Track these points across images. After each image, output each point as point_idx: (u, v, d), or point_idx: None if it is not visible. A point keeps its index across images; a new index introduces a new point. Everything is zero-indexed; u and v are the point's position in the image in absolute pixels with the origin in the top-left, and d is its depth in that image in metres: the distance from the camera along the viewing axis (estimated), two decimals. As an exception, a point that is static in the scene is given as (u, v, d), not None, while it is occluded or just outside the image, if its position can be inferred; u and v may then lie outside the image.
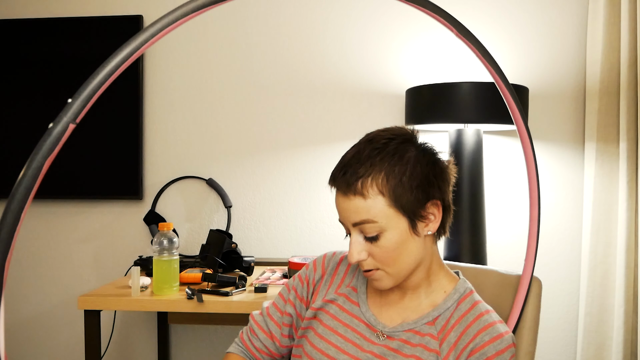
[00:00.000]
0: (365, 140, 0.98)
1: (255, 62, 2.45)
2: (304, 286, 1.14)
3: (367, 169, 0.94)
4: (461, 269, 1.24)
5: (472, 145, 2.05)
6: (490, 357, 0.93)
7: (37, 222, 2.56)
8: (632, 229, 2.13)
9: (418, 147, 0.98)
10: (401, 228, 0.95)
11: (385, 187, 0.93)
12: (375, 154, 0.95)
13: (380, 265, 0.97)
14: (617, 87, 2.20)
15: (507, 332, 0.96)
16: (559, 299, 2.36)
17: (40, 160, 0.59)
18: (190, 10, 0.69)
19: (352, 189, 0.94)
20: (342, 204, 0.96)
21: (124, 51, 0.64)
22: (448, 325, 0.98)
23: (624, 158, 2.14)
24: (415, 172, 0.95)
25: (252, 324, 1.17)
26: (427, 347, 0.97)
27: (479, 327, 0.96)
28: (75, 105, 0.61)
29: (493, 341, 0.94)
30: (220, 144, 2.48)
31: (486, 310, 0.99)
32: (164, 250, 1.83)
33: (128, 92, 2.45)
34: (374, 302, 1.06)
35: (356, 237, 0.96)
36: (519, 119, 1.01)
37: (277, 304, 1.16)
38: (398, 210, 0.94)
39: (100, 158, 2.47)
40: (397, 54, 2.39)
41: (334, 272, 1.12)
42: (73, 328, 2.57)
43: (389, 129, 1.01)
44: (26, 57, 2.49)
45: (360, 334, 1.02)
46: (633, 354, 2.15)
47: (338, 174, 0.96)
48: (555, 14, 2.33)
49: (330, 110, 2.43)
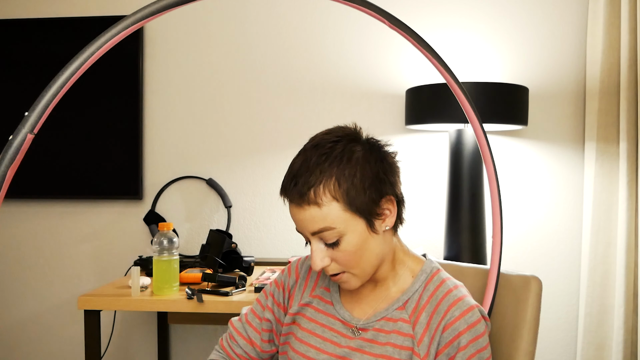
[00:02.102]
0: (311, 147, 0.96)
1: (255, 62, 2.45)
2: (280, 291, 1.15)
3: (317, 177, 0.93)
4: (462, 269, 1.24)
5: (472, 145, 2.05)
6: (462, 332, 0.94)
7: (37, 222, 2.56)
8: (632, 229, 2.13)
9: (364, 144, 0.98)
10: (360, 230, 0.95)
11: (338, 192, 0.93)
12: (323, 160, 0.94)
13: (344, 268, 0.97)
14: (617, 87, 2.20)
15: (477, 305, 0.97)
16: (559, 299, 2.36)
17: (3, 170, 0.64)
18: (149, 13, 0.71)
19: (306, 199, 0.93)
20: (298, 214, 0.95)
21: (74, 63, 0.71)
22: (419, 306, 1.00)
23: (624, 158, 2.14)
24: (366, 172, 0.94)
25: (231, 330, 1.18)
26: (400, 332, 0.98)
27: (448, 303, 0.97)
28: (32, 117, 0.67)
29: (464, 315, 0.95)
30: (220, 144, 2.48)
31: (454, 285, 1.01)
32: (164, 250, 1.83)
33: (128, 92, 2.45)
34: (347, 299, 1.07)
35: (317, 245, 0.96)
36: (467, 105, 1.00)
37: (255, 310, 1.17)
38: (354, 213, 0.94)
39: (100, 158, 2.47)
40: (397, 54, 2.39)
41: (307, 276, 1.13)
42: (73, 328, 2.57)
43: (332, 130, 1.00)
44: (25, 57, 2.49)
45: (337, 331, 1.03)
46: (633, 354, 2.15)
47: (289, 185, 0.95)
48: (555, 14, 2.33)
49: (330, 110, 2.43)
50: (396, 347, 0.97)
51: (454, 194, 2.07)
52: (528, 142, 2.35)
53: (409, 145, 2.39)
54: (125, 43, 2.44)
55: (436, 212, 2.38)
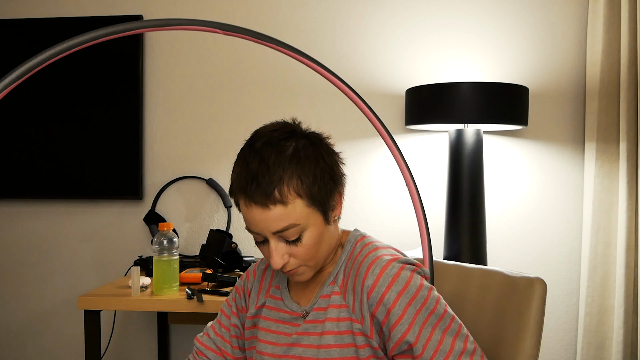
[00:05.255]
0: (264, 145, 0.95)
1: (255, 62, 2.45)
2: (241, 297, 1.16)
3: (280, 175, 0.92)
4: (463, 270, 1.24)
5: (472, 145, 2.05)
6: (386, 288, 0.94)
7: (37, 222, 2.55)
8: (632, 229, 2.13)
9: (312, 139, 0.98)
10: (318, 223, 0.97)
11: (301, 188, 0.93)
12: (282, 158, 0.93)
13: (302, 262, 0.99)
14: (617, 87, 2.20)
15: (396, 257, 0.98)
16: (559, 299, 2.36)
17: None
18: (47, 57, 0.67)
19: (272, 198, 0.92)
20: (260, 215, 0.93)
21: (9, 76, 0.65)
22: (345, 275, 1.01)
23: (624, 158, 2.14)
24: (322, 166, 0.96)
25: (198, 346, 1.18)
26: (334, 305, 0.99)
27: (367, 264, 0.97)
28: None
29: (383, 271, 0.95)
30: (220, 144, 2.47)
31: (375, 247, 1.01)
32: (164, 250, 1.83)
33: (128, 92, 2.45)
34: (294, 291, 1.09)
35: (276, 244, 0.96)
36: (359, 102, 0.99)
37: (221, 321, 1.17)
38: (315, 208, 0.95)
39: (100, 158, 2.47)
40: (397, 54, 2.39)
41: (261, 278, 1.14)
42: (73, 328, 2.57)
43: (276, 126, 0.99)
44: (25, 57, 2.49)
45: (288, 323, 1.05)
46: (633, 354, 2.15)
47: (249, 187, 0.92)
48: (555, 14, 2.33)
49: (330, 110, 2.42)
50: (334, 321, 0.98)
51: (454, 194, 2.07)
52: (528, 142, 2.35)
53: (409, 145, 2.38)
54: (126, 44, 2.44)
55: (436, 212, 2.38)
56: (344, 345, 0.97)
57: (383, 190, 2.40)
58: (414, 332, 0.92)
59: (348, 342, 0.97)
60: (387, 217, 2.41)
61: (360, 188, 2.42)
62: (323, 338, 0.98)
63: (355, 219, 2.42)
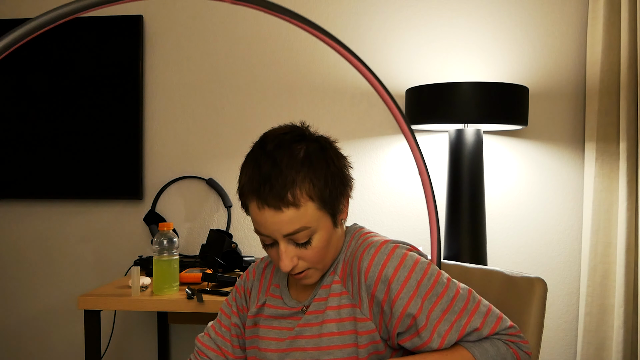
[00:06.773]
0: (276, 147, 0.95)
1: (255, 62, 2.45)
2: (242, 296, 1.16)
3: (293, 178, 0.92)
4: (464, 270, 1.24)
5: (472, 145, 2.05)
6: (383, 265, 0.95)
7: (38, 222, 2.55)
8: (632, 229, 2.13)
9: (322, 142, 0.99)
10: (327, 226, 0.97)
11: (313, 191, 0.94)
12: (294, 162, 0.93)
13: (311, 264, 0.99)
14: (617, 87, 2.20)
15: (388, 239, 0.99)
16: (559, 299, 2.36)
17: None
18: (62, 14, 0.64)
19: (285, 201, 0.92)
20: (273, 218, 0.93)
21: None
22: (344, 264, 1.02)
23: (624, 158, 2.14)
24: (334, 170, 0.97)
25: (199, 346, 1.18)
26: (334, 293, 1.00)
27: (363, 248, 0.99)
28: None
29: (378, 250, 0.96)
30: (220, 144, 2.47)
31: (372, 235, 1.03)
32: (164, 250, 1.83)
33: (128, 92, 2.45)
34: (295, 289, 1.10)
35: (286, 247, 0.97)
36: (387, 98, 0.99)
37: (221, 321, 1.18)
38: (325, 211, 0.96)
39: (100, 158, 2.47)
40: (397, 54, 2.39)
41: (261, 277, 1.15)
42: (73, 328, 2.57)
43: (287, 129, 1.00)
44: (25, 57, 2.49)
45: (289, 318, 1.06)
46: (633, 354, 2.15)
47: (263, 189, 0.92)
48: (555, 14, 2.33)
49: (330, 110, 2.42)
50: (334, 309, 0.99)
51: (454, 193, 2.07)
52: (528, 142, 2.35)
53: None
54: (125, 43, 2.44)
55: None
56: (345, 332, 0.98)
57: (383, 191, 2.40)
58: (416, 304, 0.93)
59: (349, 328, 0.98)
60: (387, 217, 2.41)
61: (360, 188, 2.42)
62: (324, 327, 0.99)
63: (356, 219, 2.42)
